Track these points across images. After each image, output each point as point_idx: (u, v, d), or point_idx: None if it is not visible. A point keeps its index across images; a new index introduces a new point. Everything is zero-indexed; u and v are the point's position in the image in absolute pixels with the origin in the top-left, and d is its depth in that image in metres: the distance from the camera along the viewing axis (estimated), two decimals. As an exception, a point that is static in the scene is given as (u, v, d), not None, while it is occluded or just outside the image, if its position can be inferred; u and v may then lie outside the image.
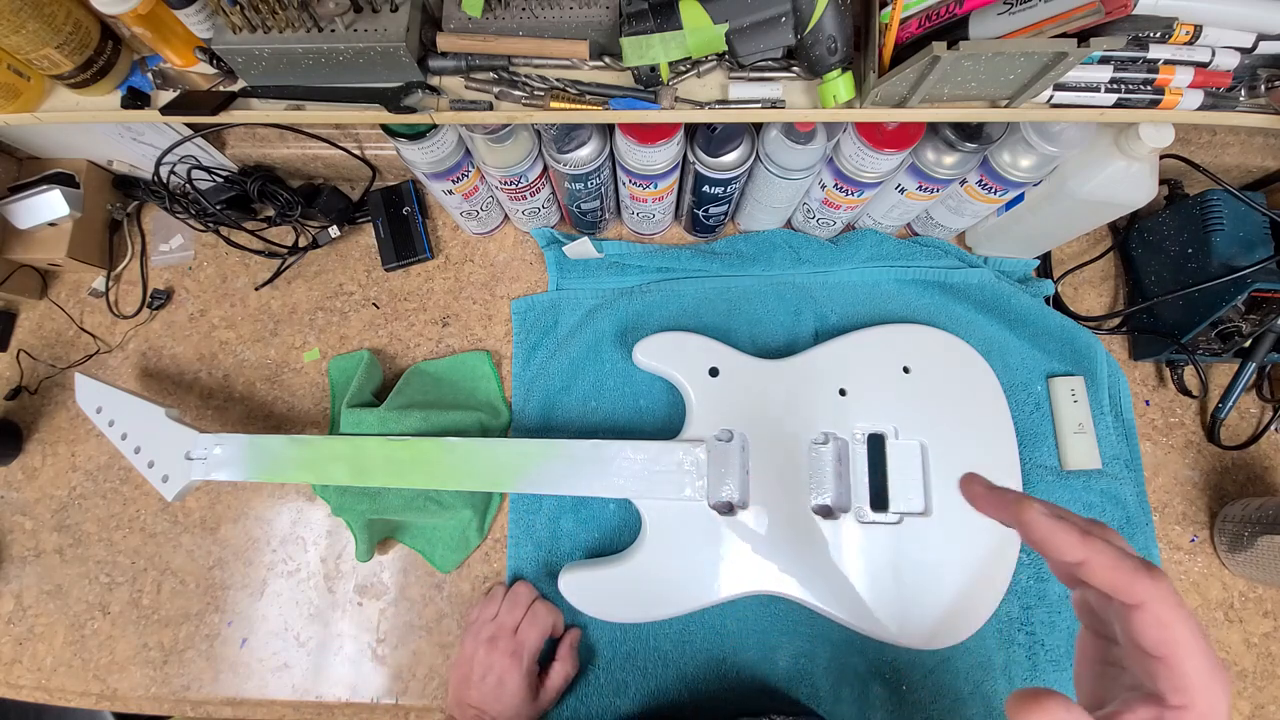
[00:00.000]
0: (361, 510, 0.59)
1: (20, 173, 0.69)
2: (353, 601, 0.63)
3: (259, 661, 0.62)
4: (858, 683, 0.57)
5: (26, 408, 0.71)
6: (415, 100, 0.48)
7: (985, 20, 0.41)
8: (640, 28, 0.43)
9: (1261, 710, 0.58)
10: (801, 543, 0.55)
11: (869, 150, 0.52)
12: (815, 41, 0.43)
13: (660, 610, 0.56)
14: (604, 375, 0.65)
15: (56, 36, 0.47)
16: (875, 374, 0.60)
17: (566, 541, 0.62)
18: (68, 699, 0.63)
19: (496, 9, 0.45)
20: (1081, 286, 0.69)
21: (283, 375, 0.70)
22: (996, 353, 0.64)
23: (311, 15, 0.44)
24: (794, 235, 0.68)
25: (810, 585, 0.55)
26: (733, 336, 0.64)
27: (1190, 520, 0.63)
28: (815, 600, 0.55)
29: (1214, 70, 0.44)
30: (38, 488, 0.68)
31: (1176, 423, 0.65)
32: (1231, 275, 0.56)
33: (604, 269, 0.69)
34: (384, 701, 0.61)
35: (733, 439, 0.57)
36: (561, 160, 0.55)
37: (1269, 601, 0.61)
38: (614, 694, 0.58)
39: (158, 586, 0.65)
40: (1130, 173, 0.52)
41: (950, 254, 0.67)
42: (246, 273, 0.73)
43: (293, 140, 0.67)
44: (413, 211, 0.71)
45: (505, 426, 0.66)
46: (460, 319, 0.70)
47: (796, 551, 0.55)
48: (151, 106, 0.51)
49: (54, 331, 0.73)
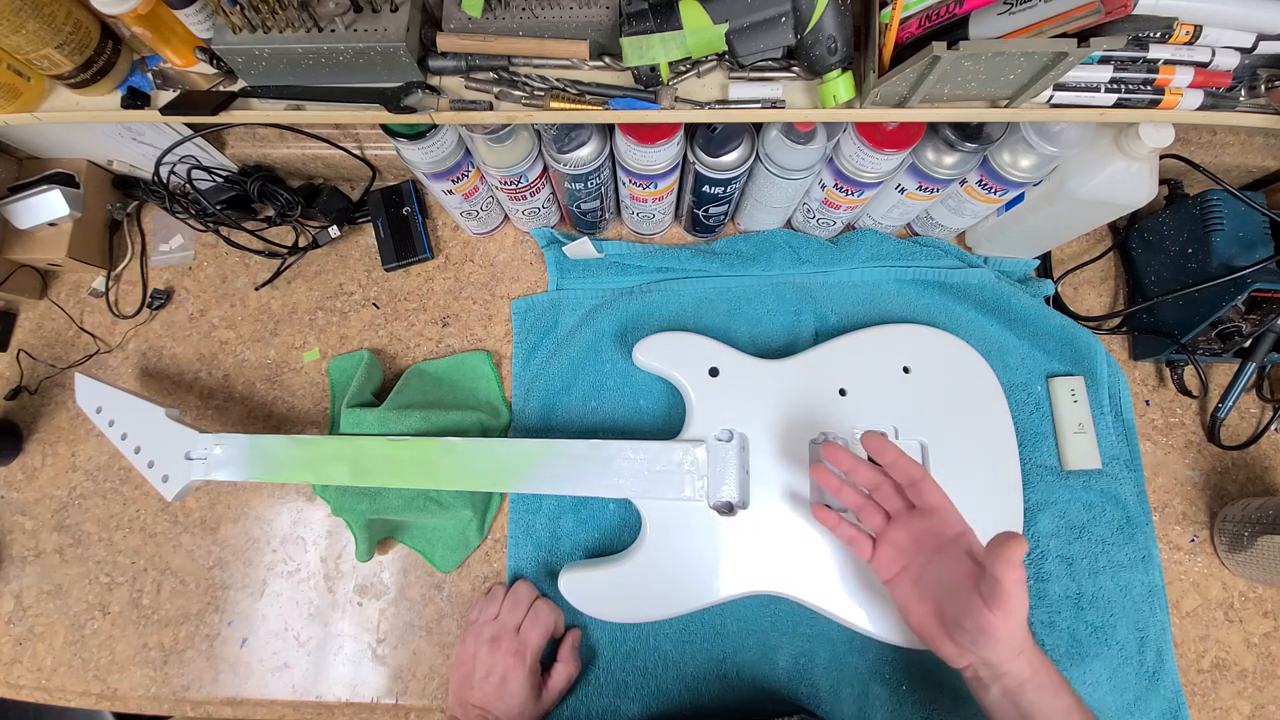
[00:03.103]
0: (361, 510, 0.59)
1: (20, 173, 0.69)
2: (353, 601, 0.63)
3: (259, 661, 0.62)
4: (858, 683, 0.57)
5: (26, 408, 0.71)
6: (415, 100, 0.48)
7: (985, 20, 0.41)
8: (640, 28, 0.43)
9: (1261, 710, 0.58)
10: (801, 543, 0.55)
11: (869, 150, 0.52)
12: (815, 41, 0.43)
13: (660, 610, 0.56)
14: (604, 375, 0.65)
15: (56, 36, 0.47)
16: (875, 374, 0.60)
17: (566, 541, 0.62)
18: (68, 699, 0.63)
19: (496, 9, 0.45)
20: (1081, 286, 0.69)
21: (283, 375, 0.70)
22: (996, 353, 0.64)
23: (311, 15, 0.44)
24: (794, 235, 0.68)
25: (810, 585, 0.55)
26: (733, 336, 0.64)
27: (1190, 520, 0.63)
28: (815, 600, 0.55)
29: (1214, 70, 0.44)
30: (38, 488, 0.68)
31: (1176, 423, 0.65)
32: (1231, 275, 0.56)
33: (604, 269, 0.69)
34: (384, 701, 0.61)
35: (733, 439, 0.57)
36: (561, 160, 0.55)
37: (1269, 601, 0.61)
38: (614, 694, 0.58)
39: (158, 586, 0.65)
40: (1130, 173, 0.52)
41: (950, 254, 0.67)
42: (246, 273, 0.73)
43: (293, 140, 0.67)
44: (413, 211, 0.71)
45: (505, 426, 0.66)
46: (460, 319, 0.70)
47: (796, 551, 0.55)
48: (151, 106, 0.51)
49: (54, 331, 0.73)
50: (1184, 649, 0.60)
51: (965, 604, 0.43)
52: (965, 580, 0.44)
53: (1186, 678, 0.59)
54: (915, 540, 0.48)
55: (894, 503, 0.50)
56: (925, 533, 0.48)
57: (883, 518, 0.50)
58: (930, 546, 0.47)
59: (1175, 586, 0.61)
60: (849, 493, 0.51)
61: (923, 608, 0.47)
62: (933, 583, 0.47)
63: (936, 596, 0.46)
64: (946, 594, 0.45)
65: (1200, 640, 0.60)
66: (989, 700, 0.45)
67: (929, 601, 0.47)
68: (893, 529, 0.49)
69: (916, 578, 0.48)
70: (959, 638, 0.44)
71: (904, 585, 0.48)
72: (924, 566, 0.47)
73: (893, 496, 0.50)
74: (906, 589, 0.48)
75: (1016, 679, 0.43)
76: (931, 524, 0.48)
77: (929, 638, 0.46)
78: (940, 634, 0.46)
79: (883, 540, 0.50)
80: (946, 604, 0.45)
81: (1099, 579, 0.59)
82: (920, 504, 0.49)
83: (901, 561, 0.49)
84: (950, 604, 0.45)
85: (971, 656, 0.44)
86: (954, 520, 0.48)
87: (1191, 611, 0.61)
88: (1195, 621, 0.60)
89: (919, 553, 0.48)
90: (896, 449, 0.50)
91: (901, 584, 0.48)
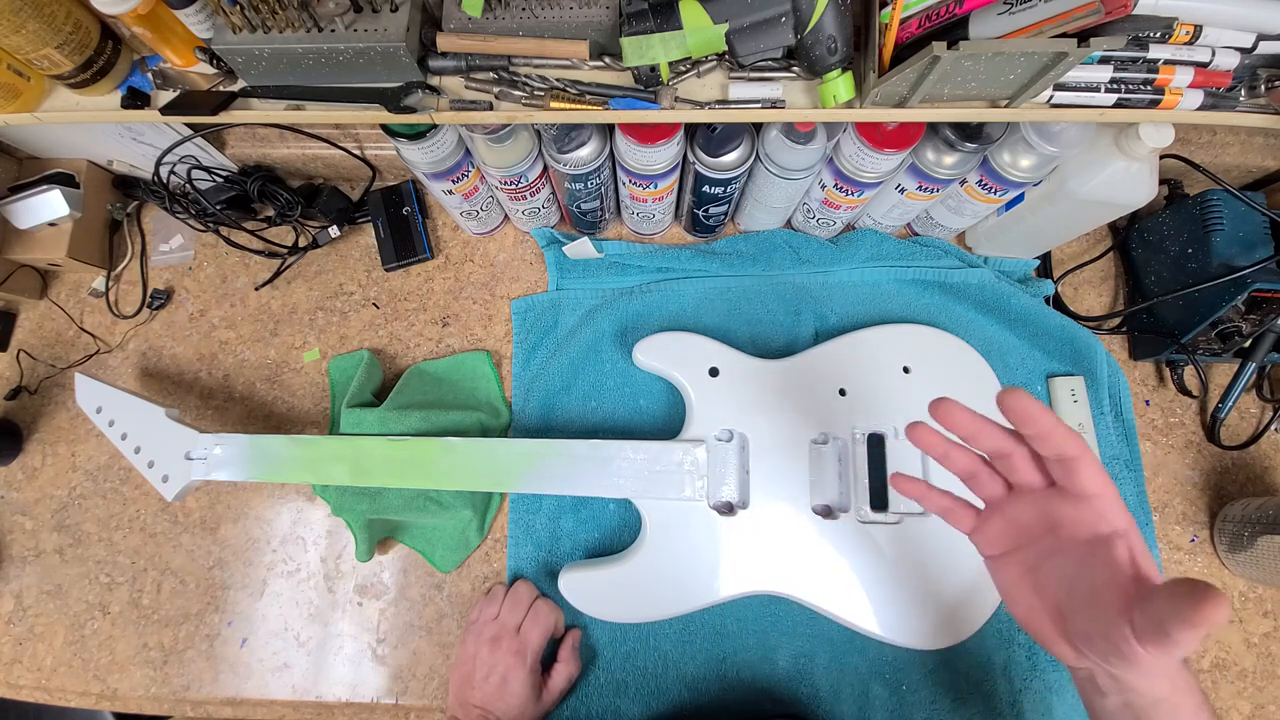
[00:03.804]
0: (361, 510, 0.59)
1: (20, 173, 0.69)
2: (353, 601, 0.63)
3: (259, 661, 0.62)
4: (858, 683, 0.57)
5: (26, 408, 0.71)
6: (415, 100, 0.48)
7: (985, 20, 0.41)
8: (640, 28, 0.43)
9: (1261, 710, 0.58)
10: (801, 543, 0.55)
11: (869, 150, 0.52)
12: (815, 41, 0.43)
13: (660, 610, 0.56)
14: (604, 375, 0.66)
15: (56, 36, 0.47)
16: (875, 374, 0.60)
17: (566, 541, 0.62)
18: (68, 699, 0.63)
19: (496, 9, 0.45)
20: (1081, 286, 0.69)
21: (283, 375, 0.70)
22: (996, 353, 0.64)
23: (311, 15, 0.44)
24: (794, 235, 0.68)
25: (810, 585, 0.55)
26: (733, 336, 0.64)
27: (1190, 520, 0.63)
28: (815, 600, 0.55)
29: (1214, 70, 0.44)
30: (38, 488, 0.68)
31: (1176, 423, 0.65)
32: (1231, 275, 0.56)
33: (604, 269, 0.69)
34: (384, 701, 0.61)
35: (733, 439, 0.57)
36: (561, 160, 0.55)
37: (1269, 601, 0.61)
38: (614, 694, 0.58)
39: (158, 586, 0.65)
40: (1130, 173, 0.52)
41: (950, 254, 0.67)
42: (246, 273, 0.73)
43: (293, 140, 0.67)
44: (413, 211, 0.71)
45: (505, 426, 0.66)
46: (460, 319, 0.70)
47: (796, 551, 0.55)
48: (151, 106, 0.51)
49: (54, 331, 0.73)
50: (1184, 649, 0.60)
51: (1106, 623, 0.34)
52: (1110, 592, 0.35)
53: (1186, 678, 0.59)
54: (1048, 524, 0.38)
55: (1028, 475, 0.39)
56: (1068, 520, 0.37)
57: (1002, 487, 0.41)
58: (1070, 536, 0.37)
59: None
60: (959, 454, 0.41)
61: (1036, 601, 0.39)
62: (1058, 579, 0.38)
63: (1059, 596, 0.38)
64: (1077, 599, 0.37)
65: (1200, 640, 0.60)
66: (1102, 707, 0.38)
67: (1045, 597, 0.38)
68: (1015, 503, 0.40)
69: (1033, 565, 0.39)
70: (1086, 647, 0.36)
71: (1011, 569, 0.40)
72: (1049, 557, 0.38)
73: (1028, 468, 0.39)
74: (1015, 574, 0.40)
75: (1150, 697, 0.36)
76: (1079, 512, 0.37)
77: (1037, 632, 0.39)
78: (1053, 634, 0.38)
79: (996, 512, 0.41)
80: (1075, 611, 0.37)
81: (1099, 579, 0.58)
82: (1070, 486, 0.37)
83: (1016, 541, 0.40)
84: (1080, 613, 0.36)
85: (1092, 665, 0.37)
86: (1114, 513, 0.37)
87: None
88: (1195, 621, 0.60)
89: (1047, 538, 0.38)
90: (1054, 416, 0.37)
91: (1009, 566, 0.40)
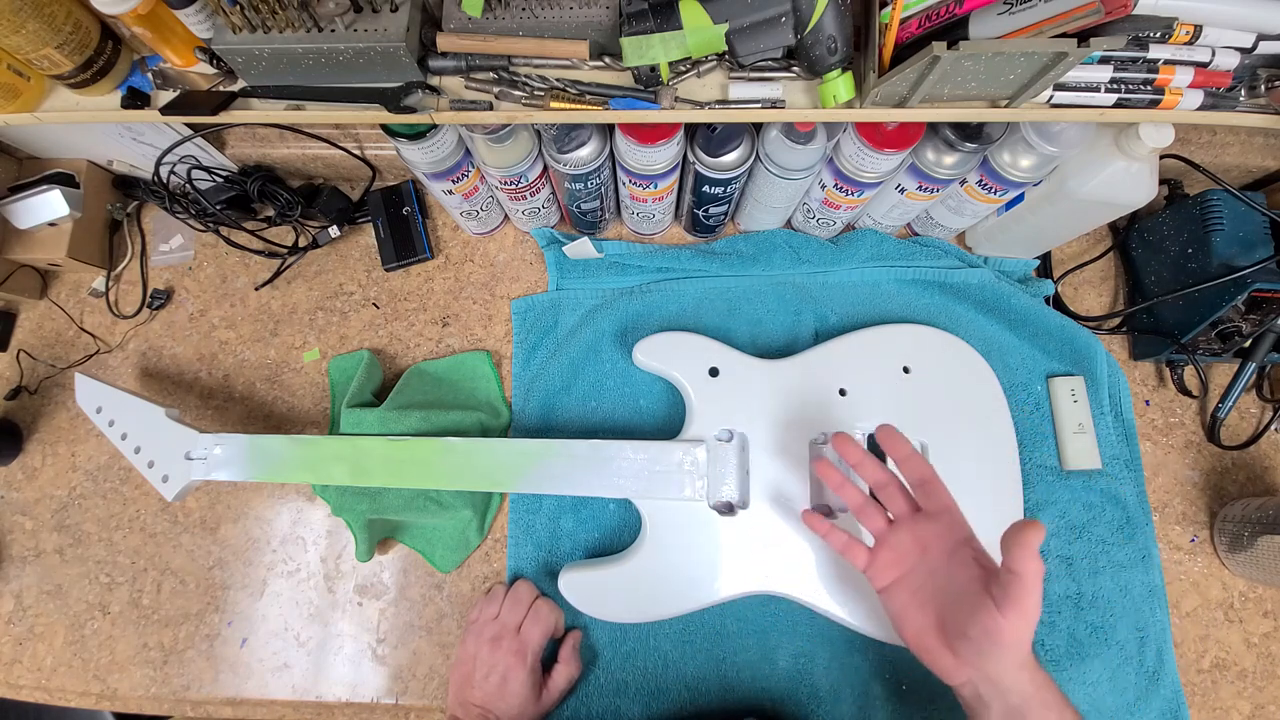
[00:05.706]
0: (361, 510, 0.59)
1: (20, 173, 0.69)
2: (353, 601, 0.63)
3: (259, 661, 0.62)
4: (858, 683, 0.57)
5: (26, 408, 0.71)
6: (415, 100, 0.48)
7: (985, 20, 0.41)
8: (640, 28, 0.43)
9: (1261, 710, 0.58)
10: (802, 543, 0.55)
11: (869, 150, 0.52)
12: (815, 41, 0.43)
13: (660, 610, 0.56)
14: (604, 375, 0.65)
15: (56, 36, 0.47)
16: (875, 374, 0.60)
17: (566, 541, 0.62)
18: (68, 699, 0.63)
19: (496, 9, 0.45)
20: (1081, 286, 0.69)
21: (283, 375, 0.70)
22: (996, 353, 0.64)
23: (311, 15, 0.44)
24: (794, 235, 0.68)
25: (810, 585, 0.55)
26: (733, 336, 0.64)
27: (1190, 520, 0.63)
28: (815, 600, 0.55)
29: (1214, 70, 0.44)
30: (38, 488, 0.68)
31: (1176, 423, 0.65)
32: (1231, 275, 0.56)
33: (604, 269, 0.69)
34: (384, 701, 0.61)
35: (733, 439, 0.57)
36: (561, 160, 0.55)
37: (1269, 601, 0.61)
38: (614, 694, 0.58)
39: (158, 586, 0.65)
40: (1130, 173, 0.52)
41: (950, 254, 0.67)
42: (246, 273, 0.73)
43: (293, 140, 0.67)
44: (413, 211, 0.71)
45: (505, 426, 0.66)
46: (460, 319, 0.70)
47: (797, 551, 0.55)
48: (151, 106, 0.51)
49: (54, 331, 0.73)
50: (1184, 649, 0.60)
51: (972, 608, 0.41)
52: (972, 585, 0.42)
53: (1186, 678, 0.59)
54: (920, 545, 0.46)
55: (900, 504, 0.48)
56: (932, 537, 0.45)
57: (884, 520, 0.48)
58: (936, 551, 0.45)
59: (1175, 586, 0.61)
60: (851, 490, 0.49)
61: (921, 617, 0.44)
62: (935, 591, 0.44)
63: (939, 605, 0.44)
64: (951, 601, 0.43)
65: (1200, 640, 0.60)
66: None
67: (929, 611, 0.44)
68: (895, 532, 0.47)
69: (916, 586, 0.45)
70: (961, 648, 0.42)
71: (900, 595, 0.46)
72: (926, 574, 0.45)
73: (899, 497, 0.48)
74: (903, 599, 0.46)
75: (1020, 695, 0.41)
76: (939, 527, 0.45)
77: (926, 650, 0.44)
78: (939, 645, 0.43)
79: (883, 544, 0.47)
80: (950, 612, 0.43)
81: (1099, 579, 0.59)
82: (928, 506, 0.46)
83: (900, 569, 0.46)
84: (955, 611, 0.43)
85: (971, 670, 0.42)
86: (961, 524, 0.45)
87: (1191, 611, 0.61)
88: (1195, 621, 0.60)
89: (922, 559, 0.45)
90: (910, 445, 0.47)
91: (898, 593, 0.46)
